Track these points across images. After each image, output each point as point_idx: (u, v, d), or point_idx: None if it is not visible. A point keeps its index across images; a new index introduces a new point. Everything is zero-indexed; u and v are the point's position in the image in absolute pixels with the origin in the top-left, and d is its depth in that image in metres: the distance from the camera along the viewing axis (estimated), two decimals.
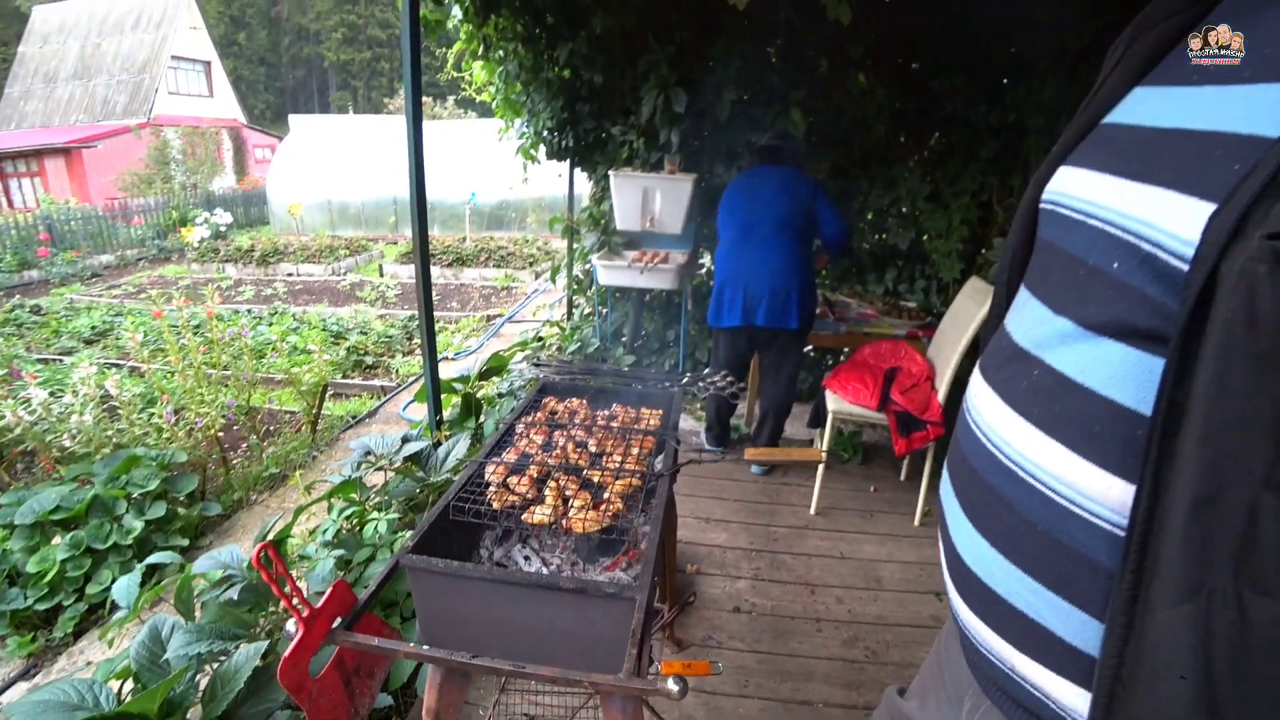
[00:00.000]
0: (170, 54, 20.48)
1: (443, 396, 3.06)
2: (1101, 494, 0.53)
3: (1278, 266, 0.41)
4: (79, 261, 10.50)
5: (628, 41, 3.81)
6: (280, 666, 0.79)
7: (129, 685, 1.58)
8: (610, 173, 3.80)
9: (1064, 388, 0.57)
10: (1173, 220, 0.50)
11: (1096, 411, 0.54)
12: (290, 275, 9.88)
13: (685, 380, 1.72)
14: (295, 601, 0.83)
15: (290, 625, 0.84)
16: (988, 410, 0.65)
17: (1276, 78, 0.49)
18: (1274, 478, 0.42)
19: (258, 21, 35.52)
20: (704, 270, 4.44)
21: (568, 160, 4.44)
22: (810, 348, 3.93)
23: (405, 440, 2.46)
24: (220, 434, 3.58)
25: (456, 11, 3.71)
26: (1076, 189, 0.63)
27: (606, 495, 1.21)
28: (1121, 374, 0.53)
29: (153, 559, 2.13)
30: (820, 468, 2.97)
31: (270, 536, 2.05)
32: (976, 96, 3.57)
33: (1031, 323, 0.64)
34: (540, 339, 4.96)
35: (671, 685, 0.78)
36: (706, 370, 1.71)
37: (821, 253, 3.14)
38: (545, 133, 4.21)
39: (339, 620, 0.90)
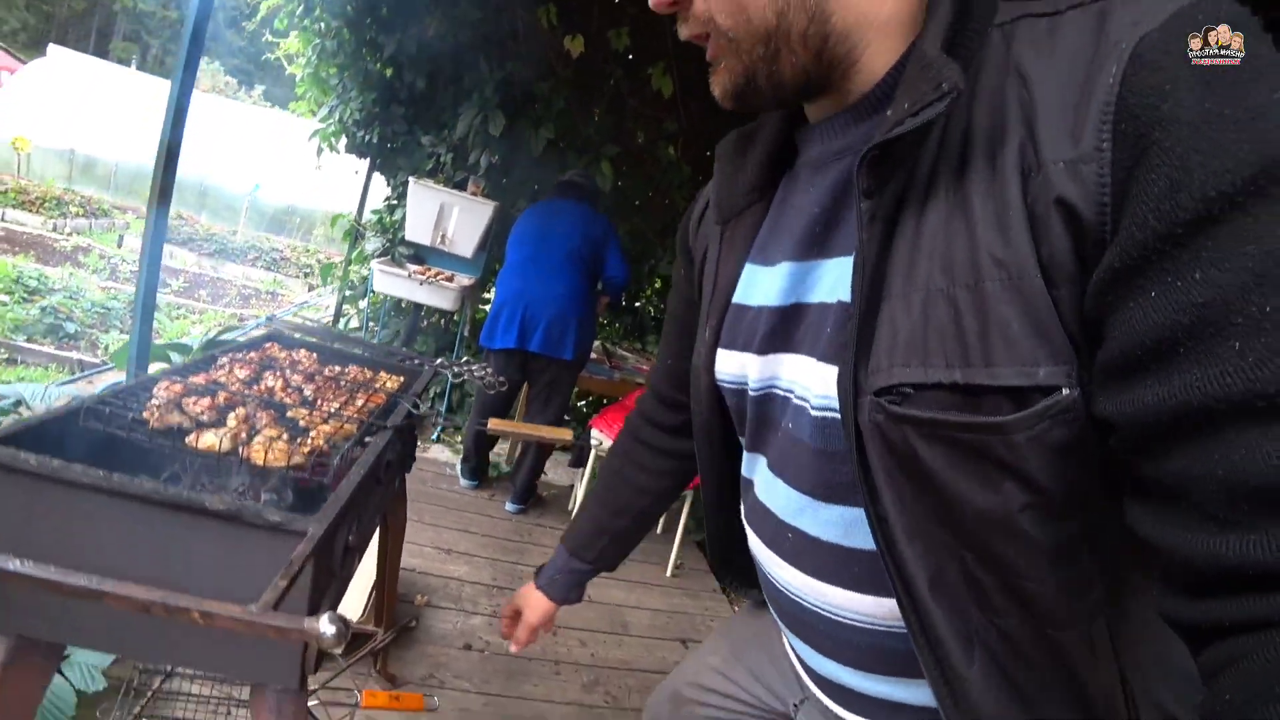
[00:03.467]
0: None
1: (154, 366, 2.56)
2: (878, 613, 0.63)
3: (889, 415, 0.52)
4: None
5: (458, 57, 3.71)
6: None
7: None
8: (411, 179, 3.59)
9: (816, 546, 0.66)
10: (814, 382, 0.61)
11: (844, 557, 0.64)
12: None
13: (439, 361, 1.56)
14: None
15: None
16: (772, 566, 0.73)
17: (836, 254, 0.61)
18: (965, 542, 0.53)
19: None
20: (486, 303, 4.30)
21: (368, 159, 4.16)
22: (585, 403, 3.90)
23: (73, 398, 1.97)
24: None
25: None
26: (739, 368, 0.72)
27: (311, 435, 1.01)
28: (846, 527, 0.63)
29: None
30: (575, 510, 2.88)
31: None
32: None
33: (767, 490, 0.72)
34: None
35: (325, 626, 0.59)
36: (466, 359, 1.57)
37: (602, 294, 3.16)
38: (351, 123, 3.92)
39: None
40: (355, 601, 1.99)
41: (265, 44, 4.47)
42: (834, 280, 0.61)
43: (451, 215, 3.61)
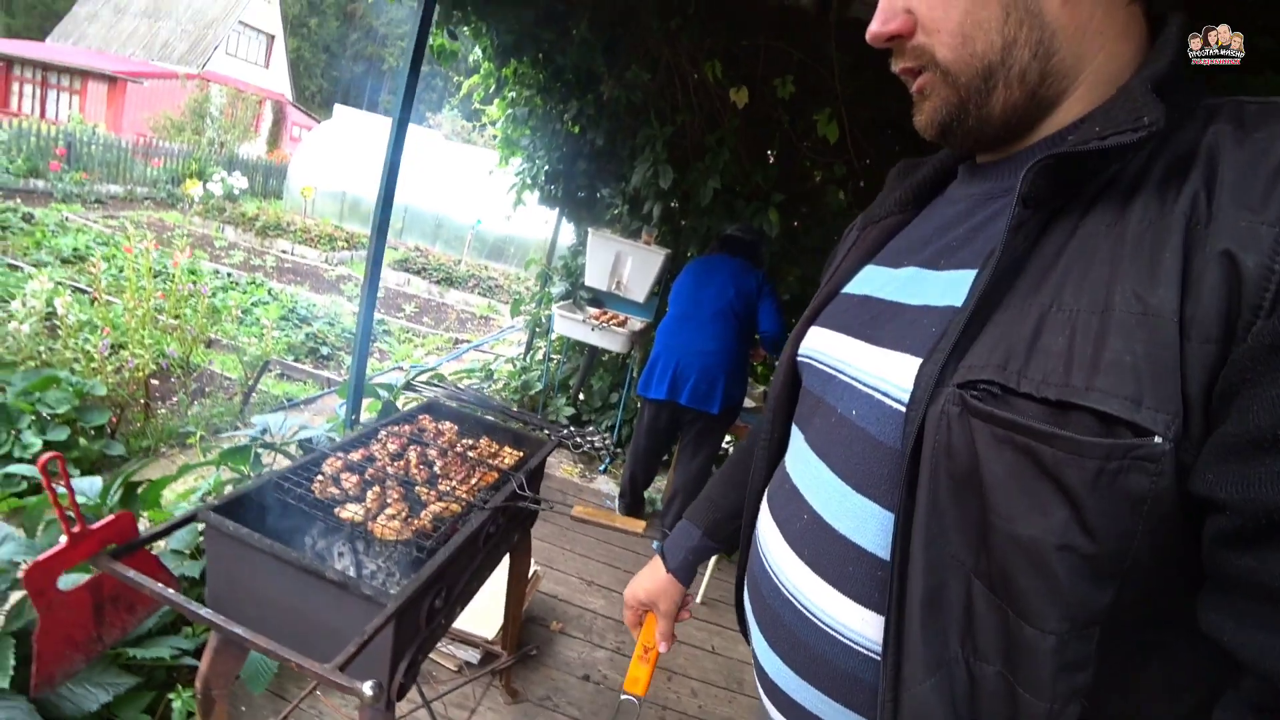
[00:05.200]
0: (239, 18, 21.11)
1: (367, 401, 3.11)
2: (858, 627, 0.63)
3: (965, 409, 0.51)
4: (87, 184, 10.42)
5: (634, 113, 4.02)
6: (29, 568, 0.83)
7: None
8: (590, 230, 3.97)
9: (826, 533, 0.66)
10: (893, 373, 0.61)
11: (849, 554, 0.64)
12: (284, 253, 9.94)
13: (565, 433, 1.80)
14: (69, 513, 0.88)
15: (62, 538, 0.89)
16: (771, 544, 0.74)
17: (961, 266, 0.62)
18: (978, 569, 0.52)
19: (333, 12, 36.31)
20: None
21: (556, 209, 4.61)
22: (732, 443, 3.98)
23: (302, 428, 2.50)
24: (152, 380, 3.59)
25: (477, 51, 3.93)
26: (823, 346, 0.74)
27: (422, 513, 1.28)
28: (864, 523, 0.63)
29: (14, 468, 2.15)
30: (713, 560, 2.97)
31: (140, 481, 2.07)
32: None
33: (803, 468, 0.72)
34: (491, 372, 5.02)
35: (366, 689, 0.81)
36: (590, 428, 1.80)
37: (759, 347, 3.26)
38: (541, 178, 4.40)
39: (110, 546, 0.95)
40: (493, 622, 2.30)
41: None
42: (948, 287, 0.61)
43: (626, 263, 3.92)
